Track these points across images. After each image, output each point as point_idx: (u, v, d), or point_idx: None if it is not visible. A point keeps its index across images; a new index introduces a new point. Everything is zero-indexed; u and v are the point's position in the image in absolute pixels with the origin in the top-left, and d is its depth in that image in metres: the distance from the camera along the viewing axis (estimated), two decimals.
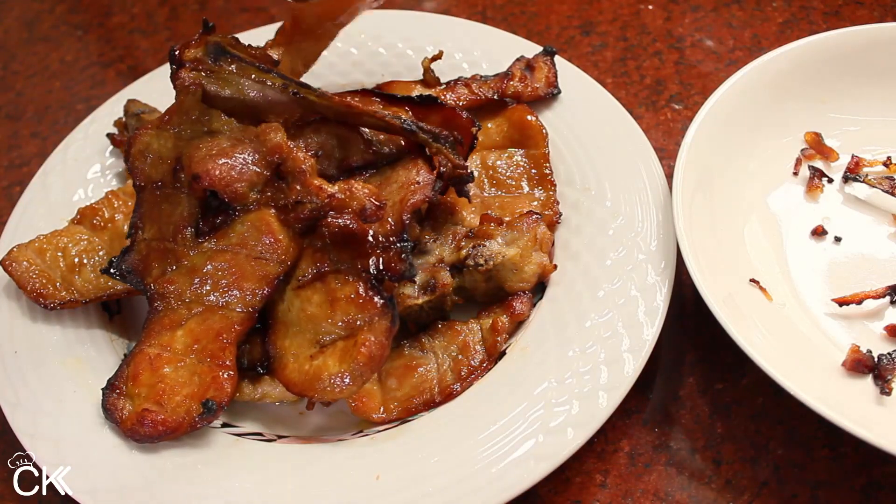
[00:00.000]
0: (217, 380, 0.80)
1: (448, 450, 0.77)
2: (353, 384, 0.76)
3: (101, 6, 1.50)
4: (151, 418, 0.78)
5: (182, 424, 0.78)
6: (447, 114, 0.92)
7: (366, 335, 0.76)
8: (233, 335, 0.81)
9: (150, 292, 0.84)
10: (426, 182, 0.84)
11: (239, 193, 0.82)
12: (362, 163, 0.90)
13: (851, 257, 0.89)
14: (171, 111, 0.87)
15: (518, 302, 0.86)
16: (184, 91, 0.86)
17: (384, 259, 0.79)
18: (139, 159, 0.86)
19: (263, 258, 0.81)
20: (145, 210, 0.86)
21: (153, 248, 0.85)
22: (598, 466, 0.82)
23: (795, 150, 0.98)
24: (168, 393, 0.79)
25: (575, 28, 1.27)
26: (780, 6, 1.24)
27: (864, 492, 0.78)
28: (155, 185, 0.86)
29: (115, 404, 0.81)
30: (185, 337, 0.82)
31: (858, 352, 0.78)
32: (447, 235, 0.89)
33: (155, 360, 0.81)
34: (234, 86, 0.86)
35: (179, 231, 0.84)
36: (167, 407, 0.79)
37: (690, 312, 0.92)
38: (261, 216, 0.82)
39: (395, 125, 0.86)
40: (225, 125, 0.85)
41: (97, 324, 0.92)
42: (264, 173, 0.82)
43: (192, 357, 0.81)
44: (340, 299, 0.79)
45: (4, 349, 0.89)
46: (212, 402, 0.78)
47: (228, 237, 0.83)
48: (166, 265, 0.84)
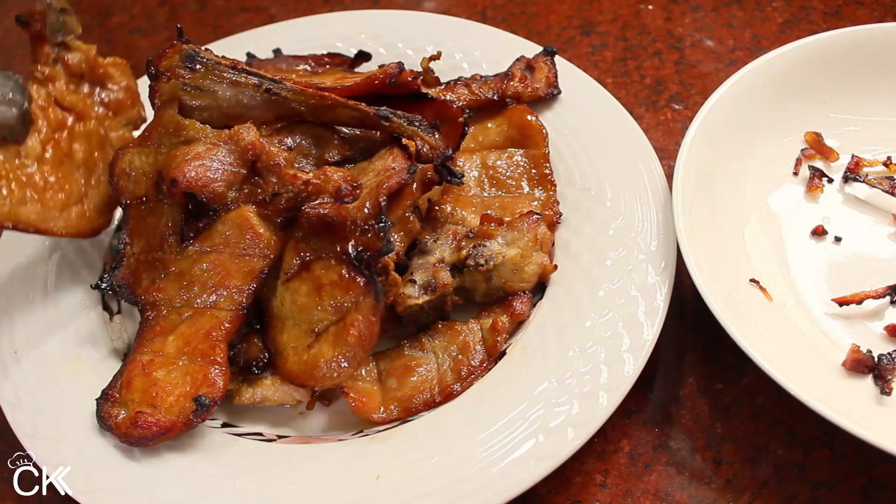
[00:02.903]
0: (208, 376, 0.80)
1: (448, 450, 0.77)
2: (349, 366, 0.78)
3: (101, 6, 1.50)
4: (144, 420, 0.78)
5: (176, 424, 0.78)
6: (438, 106, 0.93)
7: (353, 316, 0.78)
8: (222, 332, 0.82)
9: (142, 303, 0.85)
10: (401, 167, 0.84)
11: (217, 193, 0.83)
12: (339, 158, 0.91)
13: (851, 257, 0.89)
14: (151, 128, 0.89)
15: (518, 302, 0.86)
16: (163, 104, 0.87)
17: (361, 241, 0.80)
18: (123, 178, 0.88)
19: (247, 255, 0.83)
20: (132, 226, 0.88)
21: (141, 260, 0.87)
22: (598, 466, 0.82)
23: (795, 150, 0.98)
24: (161, 395, 0.79)
25: (575, 28, 1.27)
26: (780, 6, 1.24)
27: (864, 492, 0.78)
28: (139, 200, 0.88)
29: (109, 412, 0.81)
30: (176, 341, 0.82)
31: (858, 352, 0.78)
32: (447, 235, 0.89)
33: (147, 365, 0.82)
34: (209, 95, 0.87)
35: (165, 240, 0.86)
36: (161, 408, 0.79)
37: (690, 312, 0.92)
38: (240, 213, 0.83)
39: (368, 113, 0.87)
40: (200, 132, 0.85)
41: (97, 324, 0.93)
42: (241, 172, 0.83)
43: (183, 359, 0.81)
44: (326, 285, 0.80)
45: (4, 349, 0.89)
46: (204, 397, 0.78)
47: (212, 238, 0.84)
48: (155, 275, 0.85)
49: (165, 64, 0.88)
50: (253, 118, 0.87)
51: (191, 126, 0.86)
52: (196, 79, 0.87)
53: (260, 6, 1.43)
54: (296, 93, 0.87)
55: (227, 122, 0.87)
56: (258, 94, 0.87)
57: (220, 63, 0.88)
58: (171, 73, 0.87)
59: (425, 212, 0.92)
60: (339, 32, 1.16)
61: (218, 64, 0.88)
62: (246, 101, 0.87)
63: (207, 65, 0.87)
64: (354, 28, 1.16)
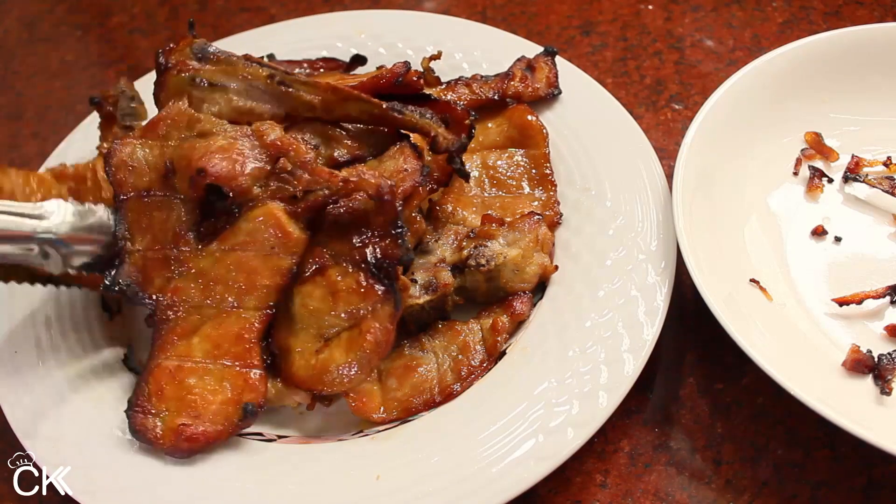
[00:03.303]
0: (249, 381, 0.79)
1: (448, 450, 0.77)
2: (361, 372, 0.78)
3: (101, 6, 1.50)
4: (191, 432, 0.76)
5: (223, 433, 0.77)
6: (442, 107, 0.92)
7: (370, 323, 0.77)
8: (254, 333, 0.80)
9: (156, 303, 0.82)
10: (414, 168, 0.84)
11: (243, 188, 0.80)
12: (349, 157, 0.89)
13: (851, 257, 0.89)
14: (157, 119, 0.85)
15: (518, 302, 0.86)
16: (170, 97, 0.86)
17: (380, 247, 0.79)
18: (122, 170, 0.84)
19: (275, 253, 0.80)
20: (133, 220, 0.84)
21: (150, 257, 0.83)
22: (598, 466, 0.82)
23: (795, 150, 0.98)
24: (202, 403, 0.78)
25: (575, 28, 1.27)
26: (780, 6, 1.24)
27: (864, 492, 0.78)
28: (141, 193, 0.83)
29: (145, 424, 0.78)
30: (202, 343, 0.80)
31: (858, 352, 0.78)
32: (448, 235, 0.89)
33: (176, 372, 0.79)
34: (219, 89, 0.85)
35: (180, 237, 0.82)
36: (204, 418, 0.77)
37: (690, 312, 0.92)
38: (268, 210, 0.80)
39: (381, 106, 0.85)
40: (217, 126, 0.83)
41: (97, 324, 0.93)
42: (265, 168, 0.81)
43: (216, 363, 0.79)
44: (342, 291, 0.79)
45: (4, 349, 0.89)
46: (250, 404, 0.77)
47: (235, 236, 0.81)
48: (169, 273, 0.82)
49: (176, 57, 0.86)
50: (263, 113, 0.85)
51: (206, 120, 0.83)
52: (207, 72, 0.86)
53: (260, 6, 1.43)
54: (308, 85, 0.85)
55: (236, 118, 0.85)
56: (270, 87, 0.85)
57: (231, 55, 0.86)
58: (181, 67, 0.86)
59: (426, 211, 0.92)
60: (339, 32, 1.16)
61: (229, 56, 0.86)
62: (257, 95, 0.86)
63: (219, 57, 0.86)
64: (354, 28, 1.16)
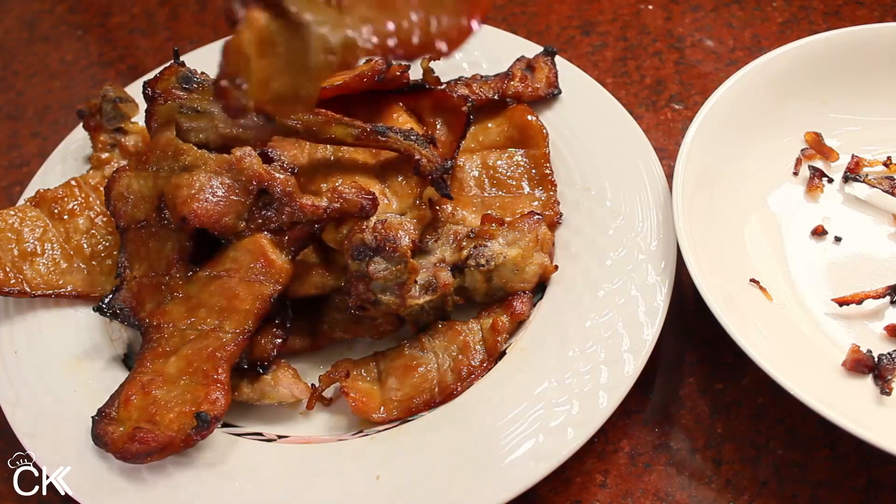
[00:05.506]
0: (209, 395, 0.78)
1: (448, 450, 0.77)
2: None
3: (101, 6, 1.50)
4: (142, 435, 0.76)
5: (174, 440, 0.76)
6: (438, 96, 0.91)
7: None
8: (226, 354, 0.80)
9: (145, 326, 0.84)
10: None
11: (228, 226, 0.82)
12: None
13: (851, 257, 0.89)
14: (148, 151, 0.87)
15: (518, 302, 0.86)
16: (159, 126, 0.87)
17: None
18: (120, 201, 0.87)
19: (257, 280, 0.81)
20: (131, 250, 0.87)
21: (144, 284, 0.85)
22: (598, 466, 0.82)
23: (795, 150, 0.98)
24: (160, 412, 0.78)
25: (575, 28, 1.27)
26: (780, 6, 1.24)
27: (864, 492, 0.78)
28: (138, 224, 0.86)
29: (105, 430, 0.79)
30: (178, 362, 0.80)
31: (858, 352, 0.78)
32: (448, 235, 0.89)
33: (147, 385, 0.80)
34: (205, 116, 0.86)
35: (172, 265, 0.84)
36: (160, 424, 0.77)
37: (690, 312, 0.92)
38: (254, 241, 0.82)
39: (365, 129, 0.87)
40: (199, 159, 0.84)
41: (97, 324, 0.92)
42: (246, 202, 0.82)
43: (184, 379, 0.79)
44: None
45: (4, 349, 0.89)
46: (205, 413, 0.76)
47: (222, 263, 0.83)
48: (160, 299, 0.84)
49: (162, 86, 0.88)
50: (248, 140, 0.86)
51: (188, 151, 0.84)
52: (193, 100, 0.87)
53: None
54: None
55: (223, 143, 0.86)
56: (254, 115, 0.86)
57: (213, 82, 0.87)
58: (167, 95, 0.87)
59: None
60: None
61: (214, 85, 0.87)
62: (242, 121, 0.86)
63: (203, 85, 0.87)
64: None
